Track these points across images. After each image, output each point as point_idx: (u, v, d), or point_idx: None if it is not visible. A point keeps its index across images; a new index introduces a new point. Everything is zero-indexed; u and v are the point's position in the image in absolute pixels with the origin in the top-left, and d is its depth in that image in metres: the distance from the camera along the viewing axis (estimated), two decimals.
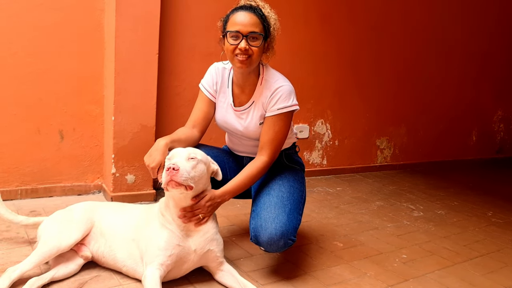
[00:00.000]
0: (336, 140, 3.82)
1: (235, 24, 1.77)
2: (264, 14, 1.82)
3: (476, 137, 5.00)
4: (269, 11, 1.85)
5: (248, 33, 1.76)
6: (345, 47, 3.71)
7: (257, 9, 1.81)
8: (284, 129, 1.88)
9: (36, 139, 2.55)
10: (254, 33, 1.77)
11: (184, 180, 1.55)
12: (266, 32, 1.82)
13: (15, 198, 2.53)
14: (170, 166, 1.54)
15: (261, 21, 1.80)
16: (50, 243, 1.65)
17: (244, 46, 1.76)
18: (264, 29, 1.81)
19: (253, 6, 1.81)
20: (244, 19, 1.77)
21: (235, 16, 1.79)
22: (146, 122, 2.65)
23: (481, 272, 2.15)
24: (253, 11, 1.79)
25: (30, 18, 2.43)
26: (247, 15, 1.77)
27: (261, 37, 1.79)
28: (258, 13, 1.80)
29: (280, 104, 1.85)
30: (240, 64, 1.80)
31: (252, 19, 1.77)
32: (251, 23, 1.77)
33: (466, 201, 3.42)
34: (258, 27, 1.78)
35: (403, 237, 2.52)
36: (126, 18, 2.49)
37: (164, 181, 1.56)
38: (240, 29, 1.76)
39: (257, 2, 1.84)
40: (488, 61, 4.86)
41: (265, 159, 1.85)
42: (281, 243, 1.77)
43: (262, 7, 1.84)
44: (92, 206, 1.86)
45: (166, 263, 1.62)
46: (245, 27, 1.76)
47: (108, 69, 2.60)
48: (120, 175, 2.62)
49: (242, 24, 1.76)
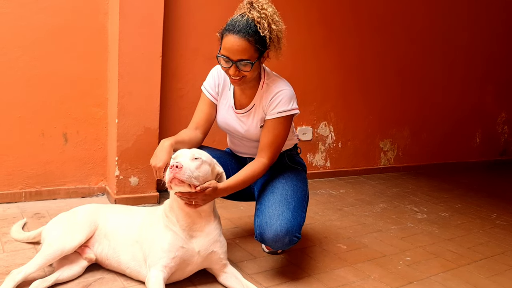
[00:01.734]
0: (339, 142, 3.82)
1: (225, 49, 1.72)
2: (257, 34, 1.70)
3: (480, 139, 4.99)
4: (266, 26, 1.72)
5: (237, 60, 1.71)
6: (348, 49, 3.71)
7: (251, 27, 1.70)
8: (284, 132, 1.88)
9: (40, 142, 2.56)
10: (243, 61, 1.71)
11: (187, 178, 1.54)
12: (260, 50, 1.74)
13: (19, 201, 2.54)
14: (173, 164, 1.55)
15: (253, 44, 1.71)
16: (54, 246, 1.65)
17: (233, 72, 1.74)
18: (257, 50, 1.73)
19: (248, 22, 1.70)
20: (232, 45, 1.70)
21: (226, 39, 1.71)
22: (149, 125, 2.65)
23: (486, 275, 2.14)
24: (244, 35, 1.68)
25: (35, 22, 2.44)
26: (236, 41, 1.69)
27: (250, 64, 1.73)
28: (250, 35, 1.69)
29: (280, 108, 1.84)
30: (234, 84, 1.82)
31: (241, 46, 1.69)
32: (239, 50, 1.69)
33: (470, 203, 3.41)
34: (247, 53, 1.71)
35: (407, 240, 2.52)
36: (129, 21, 2.50)
37: (167, 179, 1.56)
38: (228, 55, 1.71)
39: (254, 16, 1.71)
40: (492, 63, 4.86)
41: (264, 161, 1.84)
42: (286, 240, 1.78)
43: (258, 21, 1.71)
44: (96, 209, 1.87)
45: (170, 265, 1.62)
46: (234, 55, 1.71)
47: (112, 72, 2.62)
48: (124, 177, 2.63)
49: (230, 50, 1.70)
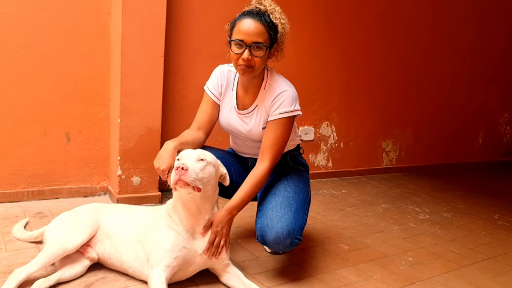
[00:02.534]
0: (341, 142, 3.82)
1: (240, 32, 1.74)
2: (271, 21, 1.76)
3: (483, 140, 4.98)
4: (278, 16, 1.79)
5: (252, 43, 1.73)
6: (351, 49, 3.71)
7: (265, 15, 1.76)
8: (285, 134, 1.87)
9: (42, 141, 2.56)
10: (258, 43, 1.73)
11: (192, 180, 1.55)
12: (272, 39, 1.79)
13: (22, 200, 2.55)
14: (179, 165, 1.54)
15: (267, 29, 1.75)
16: (57, 245, 1.65)
17: (246, 56, 1.74)
18: (270, 37, 1.77)
19: (261, 12, 1.77)
20: (248, 27, 1.72)
21: (241, 23, 1.75)
22: (152, 124, 2.66)
23: (488, 275, 2.14)
24: (259, 19, 1.74)
25: (38, 21, 2.44)
26: (252, 24, 1.73)
27: (264, 47, 1.75)
28: (264, 20, 1.75)
29: (283, 109, 1.84)
30: (242, 72, 1.81)
31: (257, 28, 1.73)
32: (256, 32, 1.72)
33: (472, 203, 3.40)
34: (262, 36, 1.74)
35: (409, 240, 2.51)
36: (132, 21, 2.50)
37: (173, 180, 1.56)
38: (244, 38, 1.73)
39: (266, 7, 1.79)
40: (495, 63, 4.85)
41: (266, 164, 1.84)
42: (288, 242, 1.78)
43: (271, 12, 1.78)
44: (98, 208, 1.87)
45: (172, 265, 1.62)
46: (249, 37, 1.72)
47: (114, 72, 2.62)
48: (126, 177, 2.63)
49: (246, 33, 1.72)
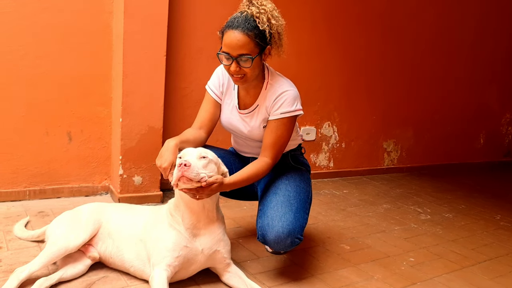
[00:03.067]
0: (343, 142, 3.81)
1: (225, 45, 1.72)
2: (257, 28, 1.71)
3: (484, 140, 4.97)
4: (265, 19, 1.72)
5: (237, 56, 1.71)
6: (352, 49, 3.70)
7: (250, 22, 1.70)
8: (287, 133, 1.87)
9: (44, 141, 2.56)
10: (242, 55, 1.71)
11: (195, 176, 1.55)
12: (261, 45, 1.74)
13: (24, 199, 2.55)
14: (182, 162, 1.55)
15: (253, 38, 1.70)
16: (58, 244, 1.65)
17: (234, 69, 1.74)
18: (257, 45, 1.73)
19: (248, 18, 1.71)
20: (231, 41, 1.70)
21: (226, 35, 1.72)
22: (153, 124, 2.66)
23: (490, 276, 2.14)
24: (243, 29, 1.69)
25: (39, 21, 2.44)
26: (236, 36, 1.69)
27: (250, 59, 1.72)
28: (249, 28, 1.70)
29: (284, 109, 1.84)
30: (235, 81, 1.82)
31: (241, 40, 1.69)
32: (239, 45, 1.69)
33: (474, 204, 3.40)
34: (247, 48, 1.70)
35: (410, 240, 2.51)
36: (134, 20, 2.50)
37: (175, 177, 1.55)
38: (229, 51, 1.71)
39: (253, 11, 1.72)
40: (496, 63, 4.84)
41: (268, 160, 1.84)
42: (288, 241, 1.78)
43: (257, 16, 1.72)
44: (100, 207, 1.87)
45: (174, 264, 1.63)
46: (234, 50, 1.70)
47: (116, 71, 2.62)
48: (128, 176, 2.63)
49: (230, 46, 1.70)
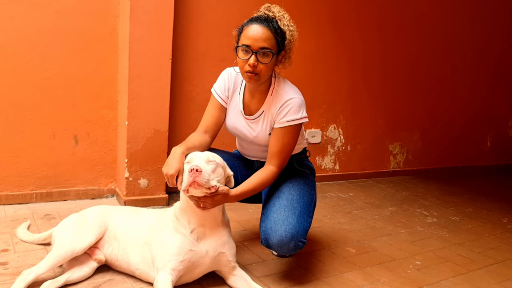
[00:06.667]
0: (348, 145, 3.81)
1: (247, 37, 1.74)
2: (279, 27, 1.75)
3: (491, 143, 4.94)
4: (286, 23, 1.78)
5: (259, 49, 1.72)
6: (357, 52, 3.70)
7: (273, 22, 1.75)
8: (292, 141, 1.87)
9: (51, 144, 2.58)
10: (265, 49, 1.72)
11: (206, 182, 1.56)
12: (280, 46, 1.78)
13: (30, 202, 2.56)
14: (193, 167, 1.55)
15: (275, 35, 1.74)
16: (65, 246, 1.66)
17: (253, 62, 1.73)
18: (277, 44, 1.76)
19: (270, 18, 1.76)
20: (256, 33, 1.72)
21: (248, 29, 1.74)
22: (159, 127, 2.67)
23: (497, 280, 2.12)
24: (267, 24, 1.73)
25: (46, 24, 2.47)
26: (260, 29, 1.72)
27: (271, 54, 1.74)
28: (272, 26, 1.74)
29: (290, 117, 1.83)
30: (248, 79, 1.81)
31: (264, 33, 1.72)
32: (263, 38, 1.72)
33: (480, 207, 3.38)
34: (269, 42, 1.73)
35: (416, 244, 2.50)
36: (140, 24, 2.52)
37: (186, 182, 1.56)
38: (250, 43, 1.72)
39: (275, 13, 1.78)
40: (503, 64, 4.81)
41: (274, 169, 1.84)
42: (291, 245, 1.77)
43: (279, 18, 1.77)
44: (106, 210, 1.88)
45: (178, 268, 1.63)
46: (256, 42, 1.72)
47: (122, 75, 2.63)
48: (133, 179, 2.64)
49: (253, 38, 1.72)
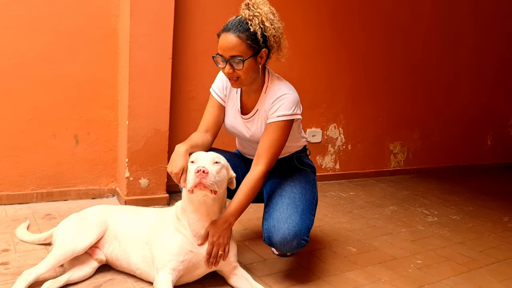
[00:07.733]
0: (349, 144, 3.80)
1: (219, 47, 1.74)
2: (248, 29, 1.70)
3: (492, 142, 4.93)
4: (258, 22, 1.71)
5: (229, 58, 1.72)
6: (357, 51, 3.70)
7: (243, 25, 1.70)
8: (283, 137, 1.84)
9: (51, 144, 2.58)
10: (234, 57, 1.71)
11: (212, 184, 1.56)
12: (256, 46, 1.73)
13: (31, 202, 2.56)
14: (200, 168, 1.55)
15: (245, 40, 1.70)
16: (66, 246, 1.66)
17: (227, 71, 1.75)
18: (250, 46, 1.71)
19: (241, 20, 1.72)
20: (223, 43, 1.72)
21: (220, 38, 1.75)
22: (159, 127, 2.67)
23: (498, 279, 2.12)
24: (235, 31, 1.70)
25: (47, 24, 2.46)
26: (227, 38, 1.70)
27: (241, 61, 1.72)
28: (241, 31, 1.70)
29: (281, 112, 1.81)
30: (232, 84, 1.82)
31: (231, 42, 1.70)
32: (230, 47, 1.70)
33: (481, 206, 3.37)
34: (238, 49, 1.70)
35: (417, 243, 2.50)
36: (140, 24, 2.52)
37: (192, 183, 1.56)
38: (222, 53, 1.73)
39: (251, 12, 1.72)
40: (503, 63, 4.81)
41: (261, 168, 1.81)
42: (294, 243, 1.77)
43: (250, 19, 1.71)
44: (106, 210, 1.88)
45: (178, 268, 1.63)
46: (225, 52, 1.72)
47: (122, 74, 2.63)
48: (134, 179, 2.64)
49: (222, 48, 1.72)
